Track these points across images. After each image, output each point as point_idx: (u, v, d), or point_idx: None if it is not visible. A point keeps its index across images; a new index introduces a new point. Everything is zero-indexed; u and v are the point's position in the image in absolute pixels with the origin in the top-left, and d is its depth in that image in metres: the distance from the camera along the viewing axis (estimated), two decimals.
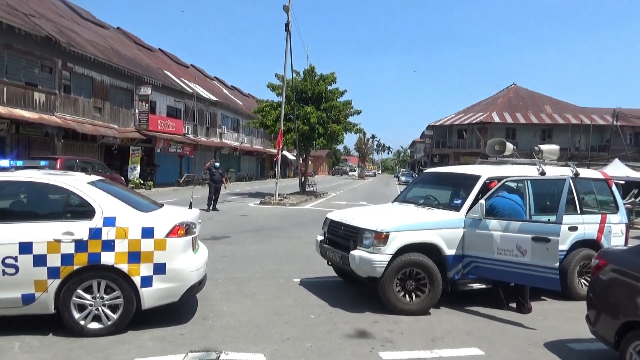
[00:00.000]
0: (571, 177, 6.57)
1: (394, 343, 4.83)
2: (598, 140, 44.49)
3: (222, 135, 41.90)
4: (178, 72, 39.17)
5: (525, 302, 6.01)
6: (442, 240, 5.87)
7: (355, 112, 27.18)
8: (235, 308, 5.81)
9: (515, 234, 5.57)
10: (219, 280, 7.01)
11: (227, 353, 4.34)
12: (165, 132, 30.47)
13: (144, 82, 28.85)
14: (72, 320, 4.59)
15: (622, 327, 4.15)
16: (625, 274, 4.26)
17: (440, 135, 54.03)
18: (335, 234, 6.51)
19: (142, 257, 4.68)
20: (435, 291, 5.74)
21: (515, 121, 47.38)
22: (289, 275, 7.62)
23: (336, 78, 26.53)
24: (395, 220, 5.97)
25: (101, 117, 25.61)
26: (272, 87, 26.16)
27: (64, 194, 4.76)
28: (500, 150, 7.61)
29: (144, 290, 4.69)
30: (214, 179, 17.15)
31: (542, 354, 4.70)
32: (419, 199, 7.24)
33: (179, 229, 4.85)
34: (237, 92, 56.46)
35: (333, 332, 5.08)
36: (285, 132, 24.39)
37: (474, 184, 6.35)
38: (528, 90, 55.01)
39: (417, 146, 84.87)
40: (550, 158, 7.49)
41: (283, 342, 4.72)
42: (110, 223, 4.64)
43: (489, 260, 5.75)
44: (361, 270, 5.76)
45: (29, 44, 20.46)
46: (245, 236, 11.53)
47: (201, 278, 5.22)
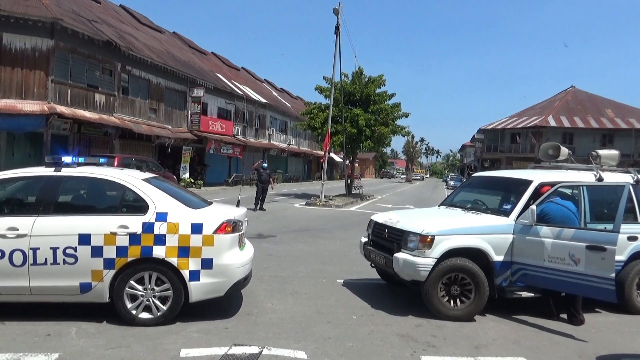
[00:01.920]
0: (631, 184, 6.23)
1: (437, 348, 4.76)
2: None
3: (270, 136, 42.61)
4: (229, 75, 40.20)
5: (578, 313, 5.75)
6: (490, 245, 5.72)
7: (404, 115, 26.93)
8: (279, 305, 5.90)
9: (568, 241, 5.34)
10: (263, 278, 7.14)
11: (270, 348, 4.43)
12: (215, 132, 31.34)
13: (197, 85, 29.82)
14: (124, 310, 4.83)
15: None
16: None
17: (491, 139, 52.54)
18: (380, 236, 6.49)
19: (191, 252, 4.86)
20: (481, 298, 5.60)
21: (573, 125, 45.38)
22: (332, 275, 7.65)
23: (385, 80, 26.40)
24: (442, 224, 5.88)
25: (156, 118, 26.67)
26: (320, 90, 26.37)
27: (120, 189, 5.03)
28: (555, 155, 7.32)
29: (192, 284, 4.86)
30: (262, 179, 17.46)
31: None
32: (467, 203, 7.09)
33: (226, 226, 4.99)
34: (286, 95, 57.25)
35: (374, 334, 5.06)
36: (333, 134, 24.49)
37: (525, 189, 6.15)
38: (588, 93, 52.58)
39: (467, 150, 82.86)
40: (609, 164, 7.13)
41: (324, 341, 4.76)
42: (162, 218, 4.85)
43: (539, 268, 5.55)
44: (405, 274, 5.71)
45: (92, 48, 21.63)
46: (290, 236, 11.68)
47: (246, 274, 5.35)
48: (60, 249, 4.69)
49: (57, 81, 19.93)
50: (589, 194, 6.08)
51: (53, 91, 19.67)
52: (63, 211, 4.92)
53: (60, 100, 19.99)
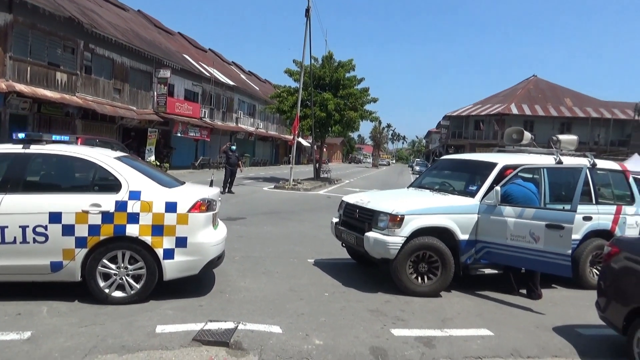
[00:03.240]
0: (588, 167, 6.59)
1: (405, 321, 4.97)
2: (618, 134, 43.76)
3: (238, 120, 42.15)
4: (196, 56, 39.39)
5: (536, 288, 6.10)
6: (456, 225, 5.97)
7: (372, 100, 27.15)
8: (252, 284, 5.99)
9: (529, 220, 5.64)
10: (235, 258, 7.20)
11: (245, 324, 4.52)
12: (182, 115, 30.78)
13: (163, 65, 29.13)
14: (97, 288, 4.81)
15: (630, 313, 4.23)
16: (636, 262, 4.32)
17: (456, 125, 53.58)
18: (351, 217, 6.64)
19: (165, 231, 4.87)
20: (447, 274, 5.86)
21: (534, 113, 46.78)
22: (303, 256, 7.78)
23: (354, 65, 26.48)
24: (411, 204, 6.08)
25: (120, 99, 25.97)
26: (289, 73, 26.23)
27: (92, 167, 4.97)
28: (518, 139, 7.63)
29: (166, 262, 4.89)
30: (230, 161, 17.35)
31: (550, 337, 4.80)
32: (435, 185, 7.32)
33: (201, 204, 5.02)
34: (254, 78, 56.57)
35: (346, 310, 5.23)
36: (302, 118, 24.48)
37: (490, 171, 6.41)
38: (548, 82, 54.18)
39: (433, 136, 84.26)
40: (568, 148, 7.49)
41: (298, 317, 4.89)
42: (136, 197, 4.83)
43: (502, 246, 5.84)
44: (375, 252, 5.89)
45: (53, 24, 20.77)
46: (260, 218, 11.73)
47: (220, 253, 5.41)
48: (30, 227, 4.61)
49: (15, 58, 19.10)
50: (549, 176, 6.40)
51: (11, 68, 18.85)
52: (32, 189, 4.84)
53: (19, 78, 19.19)
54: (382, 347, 4.28)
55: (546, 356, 4.37)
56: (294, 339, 4.28)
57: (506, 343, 4.57)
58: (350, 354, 4.09)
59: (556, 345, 4.61)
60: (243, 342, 4.13)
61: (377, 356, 4.10)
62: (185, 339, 4.09)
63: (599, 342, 4.81)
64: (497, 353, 4.33)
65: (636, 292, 4.20)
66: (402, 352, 4.20)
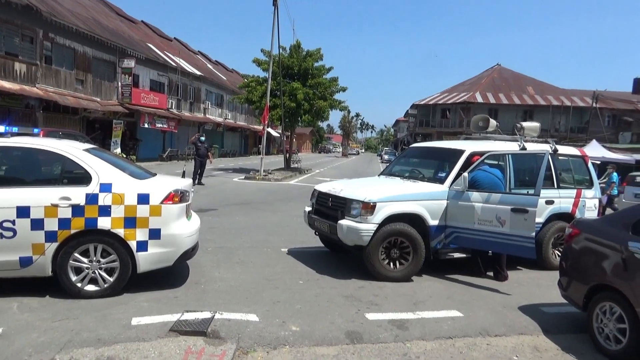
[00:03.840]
0: (550, 153, 6.86)
1: (379, 306, 5.11)
2: (577, 121, 45.32)
3: (205, 110, 41.53)
4: (161, 45, 38.49)
5: (502, 270, 6.34)
6: (426, 211, 6.13)
7: (341, 89, 27.24)
8: (226, 274, 6.01)
9: (496, 205, 5.85)
10: (208, 249, 7.19)
11: (222, 313, 4.56)
12: (148, 106, 30.11)
13: (127, 55, 28.36)
14: (69, 283, 4.74)
15: (590, 290, 4.48)
16: (595, 242, 4.57)
17: (424, 114, 54.33)
18: (324, 205, 6.72)
19: (138, 223, 4.83)
20: (418, 259, 6.02)
21: (498, 101, 47.89)
22: (276, 245, 7.83)
23: (322, 55, 26.46)
24: (382, 192, 6.20)
25: (83, 90, 25.20)
26: (258, 63, 26.02)
27: (61, 160, 4.85)
28: (484, 127, 7.85)
29: (140, 254, 4.86)
30: (200, 153, 17.16)
31: (516, 316, 5.03)
32: (405, 172, 7.47)
33: (174, 195, 5.00)
34: (221, 67, 55.74)
35: (321, 296, 5.33)
36: (271, 108, 24.37)
37: (458, 158, 6.60)
38: (512, 71, 55.49)
39: (401, 125, 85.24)
40: (531, 135, 7.76)
41: (274, 304, 4.96)
42: (107, 189, 4.76)
43: (470, 230, 6.04)
44: (348, 239, 5.99)
45: (9, 12, 19.91)
46: (232, 209, 11.69)
47: (194, 244, 5.40)
48: None
49: None
50: (514, 162, 6.63)
51: None
52: None
53: None
54: (357, 331, 4.40)
55: (512, 334, 4.58)
56: (271, 326, 4.35)
57: (475, 323, 4.76)
58: (326, 339, 4.19)
59: (522, 324, 4.83)
60: (220, 331, 4.17)
61: (353, 340, 4.21)
62: (162, 330, 4.10)
63: (561, 319, 5.07)
64: (466, 333, 4.52)
65: (595, 270, 4.45)
66: (376, 335, 4.32)
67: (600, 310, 4.35)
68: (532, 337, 4.54)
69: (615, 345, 4.14)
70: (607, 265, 4.31)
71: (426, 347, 4.18)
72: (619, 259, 4.17)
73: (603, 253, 4.40)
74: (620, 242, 4.22)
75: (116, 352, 3.70)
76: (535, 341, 4.45)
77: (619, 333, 4.12)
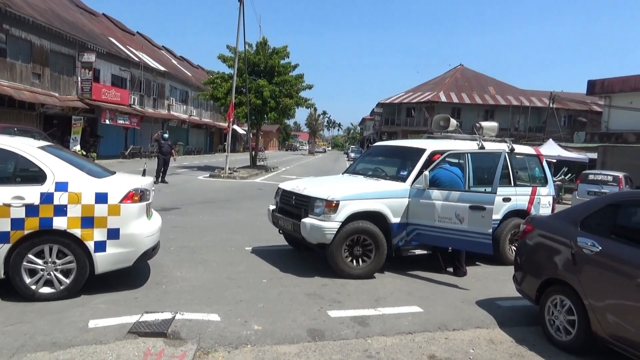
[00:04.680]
0: (507, 152, 7.09)
1: (341, 303, 5.16)
2: (536, 121, 46.83)
3: (170, 107, 40.74)
4: (123, 40, 37.48)
5: (461, 266, 6.52)
6: (389, 209, 6.23)
7: (307, 87, 27.26)
8: (189, 274, 5.95)
9: (455, 203, 6.00)
10: (170, 249, 7.08)
11: (183, 313, 4.51)
12: (110, 102, 29.28)
13: (87, 49, 27.48)
14: (22, 285, 4.59)
15: (542, 284, 4.67)
16: (547, 237, 4.76)
17: (389, 113, 54.98)
18: (288, 203, 6.73)
19: (96, 222, 4.71)
20: (381, 256, 6.12)
21: (460, 101, 48.98)
22: (240, 244, 7.79)
23: (289, 52, 26.39)
24: (345, 190, 6.26)
25: (40, 84, 24.28)
26: (223, 59, 25.70)
27: (13, 158, 4.68)
28: (445, 126, 8.04)
29: (98, 255, 4.74)
30: (163, 150, 16.85)
31: (473, 310, 5.19)
32: (368, 171, 7.57)
33: (134, 194, 4.90)
34: (186, 63, 54.76)
35: (284, 294, 5.35)
36: (237, 105, 24.15)
37: (420, 157, 6.74)
38: (474, 71, 56.82)
39: (367, 123, 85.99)
40: (489, 134, 7.99)
41: (236, 304, 4.94)
42: (63, 188, 4.63)
43: (431, 227, 6.18)
44: (312, 237, 6.03)
45: None
46: (195, 208, 11.55)
47: (155, 244, 5.31)
48: None
49: None
50: (473, 160, 6.82)
51: None
52: None
53: None
54: (319, 328, 4.44)
55: (470, 328, 4.73)
56: (233, 326, 4.34)
57: (434, 318, 4.88)
58: (288, 337, 4.21)
59: (479, 317, 4.99)
60: (181, 331, 4.13)
61: (315, 337, 4.25)
62: (120, 332, 4.02)
63: (515, 312, 5.26)
64: (426, 328, 4.63)
65: (547, 265, 4.64)
66: (338, 332, 4.38)
67: (551, 303, 4.54)
68: (488, 330, 4.70)
69: (565, 337, 4.33)
70: (558, 260, 4.50)
71: (386, 343, 4.26)
72: (569, 254, 4.36)
73: (554, 248, 4.59)
74: (570, 237, 4.41)
75: (72, 355, 3.61)
76: (491, 334, 4.61)
77: (568, 325, 4.31)
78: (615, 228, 4.20)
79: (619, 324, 3.82)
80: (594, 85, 25.76)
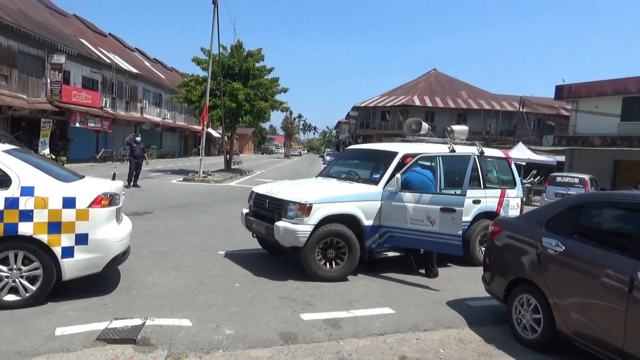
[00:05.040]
0: (477, 155, 7.24)
1: (314, 306, 5.18)
2: (506, 125, 47.91)
3: (143, 109, 40.11)
4: (95, 41, 36.76)
5: (433, 267, 6.62)
6: (361, 211, 6.28)
7: (283, 90, 27.25)
8: (160, 279, 5.87)
9: (426, 205, 6.09)
10: (142, 254, 6.98)
11: (153, 319, 4.45)
12: (80, 104, 28.64)
13: (57, 50, 26.83)
14: None
15: (510, 284, 4.79)
16: (514, 238, 4.88)
17: (364, 116, 55.39)
18: (261, 207, 6.72)
19: (63, 228, 4.62)
20: (354, 259, 6.17)
21: (434, 105, 49.75)
22: (214, 248, 7.73)
23: (264, 55, 26.35)
24: (318, 193, 6.29)
25: (8, 86, 23.58)
26: (197, 62, 25.50)
27: None
28: (417, 130, 8.16)
29: (65, 261, 4.64)
30: (135, 154, 16.59)
31: (444, 311, 5.28)
32: (342, 174, 7.62)
33: (103, 199, 4.82)
34: (159, 65, 54.02)
35: (257, 298, 5.33)
36: (211, 108, 23.97)
37: (392, 160, 6.82)
38: (447, 75, 57.80)
39: (342, 127, 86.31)
40: (460, 138, 8.14)
41: (208, 308, 4.90)
42: (29, 192, 4.52)
43: (403, 229, 6.25)
44: (285, 241, 6.03)
45: None
46: (168, 212, 11.40)
47: (125, 249, 5.23)
48: None
49: None
50: (444, 163, 6.94)
51: None
52: None
53: None
54: (291, 331, 4.44)
55: (440, 328, 4.81)
56: (205, 331, 4.31)
57: (406, 319, 4.95)
58: (260, 341, 4.20)
59: (449, 318, 5.08)
60: (151, 337, 4.07)
61: (287, 340, 4.25)
62: (88, 340, 3.95)
63: (485, 312, 5.37)
64: (397, 329, 4.69)
65: (514, 265, 4.76)
66: (310, 335, 4.39)
67: (518, 302, 4.66)
68: (458, 330, 4.78)
69: (532, 335, 4.44)
70: (525, 260, 4.62)
71: (358, 345, 4.29)
72: (535, 254, 4.48)
73: (521, 249, 4.72)
74: (536, 238, 4.54)
75: None
76: (460, 334, 4.69)
77: (534, 323, 4.43)
78: (578, 228, 4.34)
79: (582, 322, 3.94)
80: (561, 90, 26.46)
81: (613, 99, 24.02)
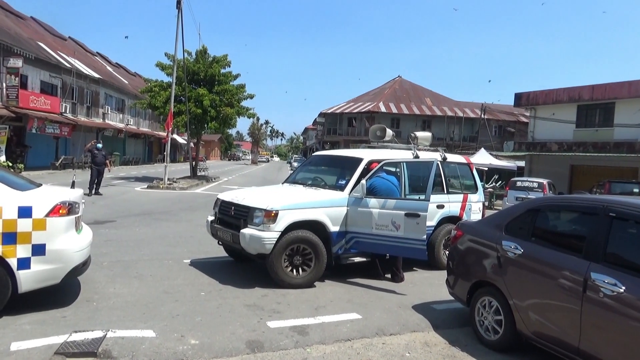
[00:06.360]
0: (439, 161, 7.40)
1: (281, 313, 5.16)
2: (469, 131, 49.16)
3: (105, 115, 39.10)
4: (54, 45, 35.65)
5: (399, 272, 6.71)
6: (328, 217, 6.32)
7: (249, 96, 27.14)
8: (122, 289, 5.72)
9: (391, 210, 6.18)
10: (103, 264, 6.79)
11: (115, 331, 4.33)
12: (39, 109, 27.65)
13: (13, 54, 25.87)
14: None
15: (472, 286, 4.91)
16: (475, 242, 5.01)
17: (331, 122, 55.72)
18: (226, 214, 6.66)
19: (19, 238, 4.44)
20: (321, 265, 6.18)
21: (399, 111, 50.57)
22: (179, 257, 7.60)
23: (230, 62, 26.22)
24: (284, 200, 6.28)
25: None
26: (161, 67, 25.12)
27: None
28: (382, 136, 8.28)
29: (21, 272, 4.47)
30: (96, 161, 16.14)
31: (409, 314, 5.36)
32: (308, 180, 7.63)
33: (61, 208, 4.67)
34: (122, 70, 52.85)
35: (223, 307, 5.27)
36: (176, 114, 23.62)
37: (357, 166, 6.89)
38: (412, 83, 58.87)
39: (310, 133, 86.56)
40: (424, 144, 8.31)
41: (173, 318, 4.81)
42: None
43: (369, 235, 6.32)
44: (251, 248, 5.99)
45: None
46: (132, 220, 11.13)
47: (85, 259, 5.07)
48: None
49: None
50: (408, 169, 7.06)
51: None
52: None
53: None
54: (258, 339, 4.41)
55: (406, 332, 4.87)
56: (169, 341, 4.22)
57: (372, 324, 4.99)
58: (226, 350, 4.15)
59: (415, 321, 5.16)
60: (113, 350, 3.96)
61: (253, 349, 4.22)
62: (46, 354, 3.81)
63: (449, 314, 5.48)
64: (364, 334, 4.72)
65: (476, 268, 4.88)
66: (277, 343, 4.37)
67: (480, 304, 4.78)
68: (424, 334, 4.86)
69: (494, 336, 4.56)
70: (486, 263, 4.74)
71: (325, 351, 4.30)
72: (495, 257, 4.62)
73: (482, 252, 4.84)
74: (496, 241, 4.67)
75: None
76: (426, 337, 4.77)
77: (496, 324, 4.55)
78: (535, 231, 4.49)
79: (540, 322, 4.08)
80: (520, 98, 27.37)
81: (568, 106, 25.04)
